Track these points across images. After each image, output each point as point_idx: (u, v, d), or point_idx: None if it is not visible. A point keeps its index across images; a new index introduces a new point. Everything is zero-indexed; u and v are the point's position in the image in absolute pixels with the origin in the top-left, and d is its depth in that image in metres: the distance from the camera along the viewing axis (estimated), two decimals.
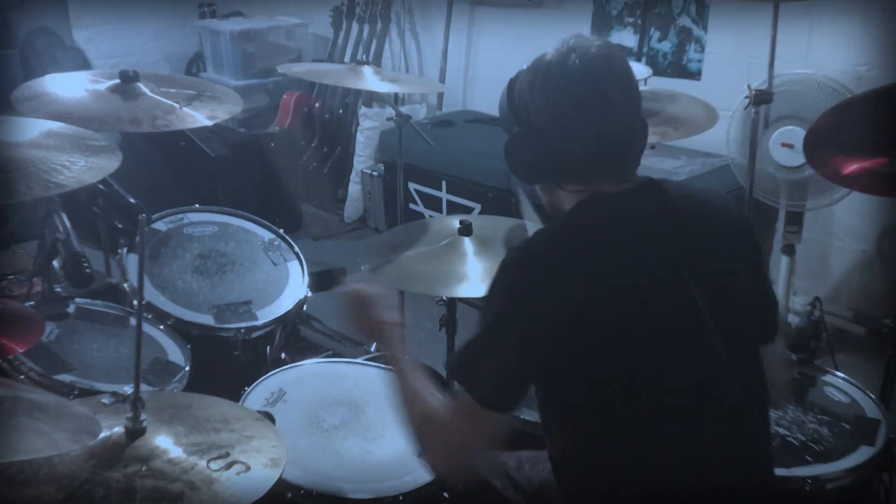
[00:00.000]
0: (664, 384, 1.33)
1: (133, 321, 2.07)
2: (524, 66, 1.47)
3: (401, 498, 1.62)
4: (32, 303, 2.16)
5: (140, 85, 2.30)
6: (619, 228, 1.37)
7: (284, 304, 2.29)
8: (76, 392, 1.80)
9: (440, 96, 4.88)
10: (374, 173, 4.62)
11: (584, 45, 1.39)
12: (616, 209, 1.38)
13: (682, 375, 1.34)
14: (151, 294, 2.17)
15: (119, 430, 1.36)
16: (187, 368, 1.99)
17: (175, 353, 2.05)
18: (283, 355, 2.31)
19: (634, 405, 1.33)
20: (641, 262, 1.35)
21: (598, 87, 1.37)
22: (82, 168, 1.72)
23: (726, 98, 3.15)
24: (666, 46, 3.90)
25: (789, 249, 3.23)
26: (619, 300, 1.31)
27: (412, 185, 4.28)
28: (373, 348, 2.29)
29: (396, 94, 4.82)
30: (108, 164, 1.80)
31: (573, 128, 1.37)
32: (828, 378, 2.05)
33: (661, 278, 1.35)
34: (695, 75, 3.82)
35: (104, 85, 2.31)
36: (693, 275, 1.35)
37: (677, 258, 1.35)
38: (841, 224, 3.52)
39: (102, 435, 1.31)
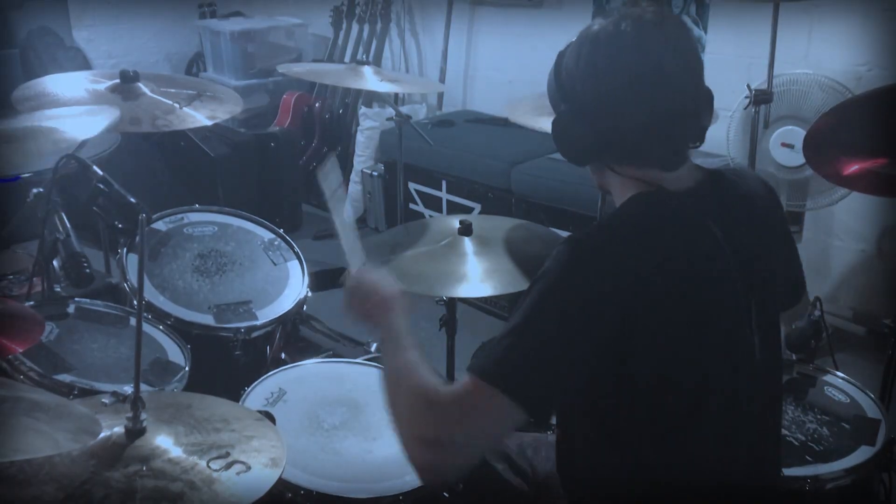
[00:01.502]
0: (701, 387, 1.31)
1: (133, 321, 2.07)
2: (572, 40, 1.37)
3: (401, 498, 1.62)
4: (32, 303, 2.16)
5: (140, 85, 2.31)
6: (677, 230, 1.31)
7: (284, 303, 2.29)
8: (76, 392, 1.80)
9: (440, 96, 4.88)
10: (374, 173, 4.62)
11: (635, 13, 1.30)
12: (675, 209, 1.32)
13: (719, 380, 1.33)
14: (151, 294, 2.17)
15: (119, 429, 1.36)
16: (187, 368, 1.99)
17: (175, 352, 2.05)
18: (283, 355, 2.31)
19: (667, 409, 1.30)
20: (695, 265, 1.29)
21: (650, 56, 1.28)
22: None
23: (726, 98, 3.15)
24: None
25: None
26: (671, 303, 1.26)
27: (412, 185, 4.28)
28: (373, 348, 2.28)
29: (396, 94, 4.82)
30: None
31: (622, 102, 1.29)
32: (828, 378, 2.05)
33: (713, 282, 1.30)
34: None
35: (104, 85, 2.31)
36: (742, 277, 1.32)
37: (730, 261, 1.32)
38: (841, 224, 3.52)
39: (102, 435, 1.31)
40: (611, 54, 1.29)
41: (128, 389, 1.38)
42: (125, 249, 2.25)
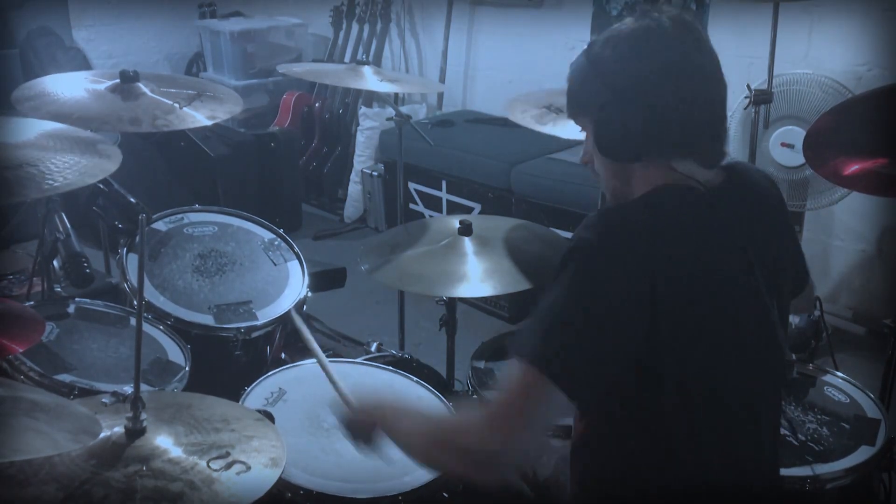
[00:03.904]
0: (725, 388, 1.31)
1: (133, 321, 2.07)
2: (591, 43, 1.38)
3: (401, 498, 1.62)
4: (32, 303, 2.16)
5: (140, 85, 2.30)
6: (699, 222, 1.31)
7: (284, 303, 2.29)
8: (76, 392, 1.80)
9: (440, 96, 4.88)
10: (374, 173, 4.62)
11: (659, 14, 1.33)
12: (696, 202, 1.32)
13: (742, 379, 1.33)
14: (151, 294, 2.17)
15: (119, 430, 1.36)
16: (187, 368, 1.99)
17: (175, 352, 2.05)
18: (283, 355, 2.31)
19: (687, 407, 1.30)
20: (717, 260, 1.30)
21: (689, 49, 1.30)
22: (81, 169, 1.73)
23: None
24: None
25: None
26: (694, 294, 1.26)
27: (412, 185, 4.28)
28: (373, 348, 2.29)
29: (396, 94, 4.82)
30: (107, 165, 1.80)
31: (671, 92, 1.29)
32: (828, 378, 2.05)
33: (735, 279, 1.31)
34: None
35: (104, 85, 2.31)
36: (759, 273, 1.33)
37: (749, 259, 1.32)
38: (841, 224, 3.52)
39: (102, 435, 1.31)
40: (650, 47, 1.30)
41: (128, 389, 1.38)
42: (125, 249, 2.25)
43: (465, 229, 2.18)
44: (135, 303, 2.12)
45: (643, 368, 1.27)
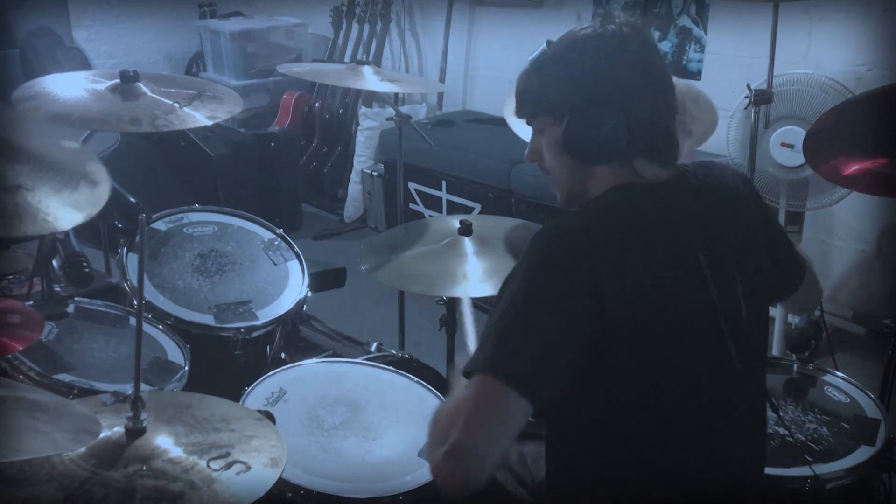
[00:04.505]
0: (680, 387, 1.32)
1: (133, 321, 2.07)
2: (544, 47, 1.38)
3: (401, 498, 1.62)
4: (32, 302, 2.16)
5: (140, 85, 2.30)
6: (651, 221, 1.33)
7: (284, 303, 2.29)
8: (76, 392, 1.80)
9: (440, 96, 4.88)
10: (374, 173, 4.62)
11: (618, 20, 1.34)
12: (649, 201, 1.34)
13: (697, 378, 1.33)
14: (151, 294, 2.17)
15: (119, 429, 1.36)
16: (186, 368, 1.99)
17: (175, 352, 2.05)
18: (283, 355, 2.31)
19: (649, 408, 1.31)
20: (669, 260, 1.31)
21: (650, 57, 1.35)
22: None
23: (726, 98, 3.15)
24: (666, 46, 3.90)
25: None
26: (645, 296, 1.27)
27: (412, 185, 4.28)
28: (373, 348, 2.28)
29: (396, 94, 4.82)
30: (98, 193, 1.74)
31: (640, 95, 1.31)
32: (828, 378, 2.05)
33: (686, 276, 1.32)
34: (695, 75, 3.82)
35: (104, 85, 2.30)
36: (714, 272, 1.33)
37: (701, 256, 1.33)
38: (841, 224, 3.52)
39: (102, 435, 1.31)
40: (621, 52, 1.32)
41: (128, 389, 1.38)
42: (125, 249, 2.25)
43: (465, 229, 2.18)
44: (135, 302, 2.12)
45: (599, 370, 1.28)
